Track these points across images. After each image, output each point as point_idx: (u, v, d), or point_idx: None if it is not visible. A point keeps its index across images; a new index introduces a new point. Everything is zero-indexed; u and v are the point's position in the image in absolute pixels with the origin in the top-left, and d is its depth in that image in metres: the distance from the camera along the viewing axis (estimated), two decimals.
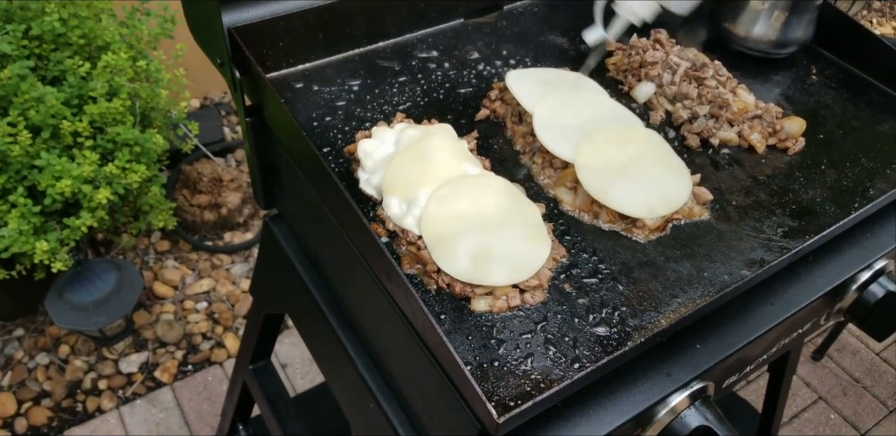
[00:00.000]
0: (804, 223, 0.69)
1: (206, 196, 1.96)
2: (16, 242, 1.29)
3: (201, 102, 2.34)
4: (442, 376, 0.57)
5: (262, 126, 0.80)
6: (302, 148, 0.71)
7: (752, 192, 0.73)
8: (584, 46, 0.90)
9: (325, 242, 0.79)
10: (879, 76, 0.88)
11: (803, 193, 0.73)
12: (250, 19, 0.75)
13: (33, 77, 1.31)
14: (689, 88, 0.81)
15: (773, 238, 0.68)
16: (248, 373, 1.07)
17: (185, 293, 1.89)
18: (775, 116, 0.80)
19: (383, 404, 0.71)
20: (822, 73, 0.90)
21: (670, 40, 0.90)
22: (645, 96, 0.83)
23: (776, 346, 0.72)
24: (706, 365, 0.61)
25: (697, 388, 0.60)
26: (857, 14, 3.22)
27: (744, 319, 0.65)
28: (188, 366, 1.75)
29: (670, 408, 0.60)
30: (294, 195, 0.84)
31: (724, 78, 0.84)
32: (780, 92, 0.87)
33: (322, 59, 0.84)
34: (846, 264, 0.71)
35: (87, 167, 1.33)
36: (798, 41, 0.89)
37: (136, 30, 1.53)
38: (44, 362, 1.73)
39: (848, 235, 0.74)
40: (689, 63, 0.84)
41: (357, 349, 0.76)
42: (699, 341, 0.63)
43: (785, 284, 0.69)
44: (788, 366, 1.14)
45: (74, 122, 1.35)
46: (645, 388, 0.59)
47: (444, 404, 0.59)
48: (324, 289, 0.83)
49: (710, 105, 0.80)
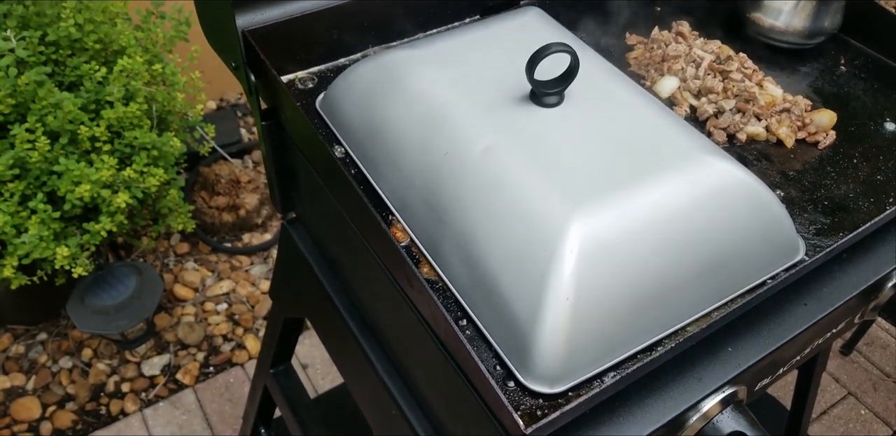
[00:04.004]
0: (837, 220, 0.67)
1: (224, 198, 1.96)
2: (36, 248, 1.30)
3: (217, 104, 2.35)
4: (466, 384, 0.56)
5: (279, 129, 0.79)
6: (319, 151, 0.70)
7: (783, 188, 0.71)
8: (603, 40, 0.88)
9: (344, 247, 0.78)
10: None
11: (835, 188, 0.71)
12: (264, 21, 0.74)
13: (50, 83, 1.32)
14: (713, 82, 0.79)
15: (805, 236, 0.65)
16: (269, 377, 1.07)
17: (205, 295, 1.89)
18: (804, 109, 0.77)
19: (406, 411, 0.70)
20: (852, 64, 0.87)
21: (693, 33, 0.87)
22: (669, 91, 0.81)
23: (810, 347, 0.70)
24: (738, 369, 0.59)
25: (730, 392, 0.59)
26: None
27: (777, 321, 0.63)
28: (209, 368, 1.76)
29: (702, 414, 0.58)
30: (312, 199, 0.83)
31: (749, 71, 0.81)
32: (808, 84, 0.84)
33: (338, 60, 0.83)
34: (881, 261, 0.69)
35: (105, 172, 1.33)
36: (826, 30, 0.86)
37: (151, 33, 1.53)
38: (67, 365, 1.74)
39: (882, 231, 0.71)
40: (713, 56, 0.82)
41: (378, 355, 0.75)
42: (731, 344, 0.61)
43: (819, 283, 0.66)
44: (818, 364, 1.12)
45: (92, 127, 1.35)
46: (676, 393, 0.57)
47: (469, 413, 0.57)
48: (343, 294, 0.82)
49: (736, 99, 0.78)
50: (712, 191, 0.58)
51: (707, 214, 0.58)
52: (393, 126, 0.68)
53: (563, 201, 0.56)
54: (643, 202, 0.57)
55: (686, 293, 0.57)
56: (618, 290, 0.55)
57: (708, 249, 0.57)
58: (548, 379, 0.53)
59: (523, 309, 0.54)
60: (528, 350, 0.53)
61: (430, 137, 0.65)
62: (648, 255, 0.56)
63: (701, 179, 0.59)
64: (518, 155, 0.61)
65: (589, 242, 0.54)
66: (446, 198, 0.62)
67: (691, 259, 0.57)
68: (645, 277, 0.55)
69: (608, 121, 0.64)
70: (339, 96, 0.75)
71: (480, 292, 0.58)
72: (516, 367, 0.55)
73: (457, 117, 0.65)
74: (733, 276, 0.59)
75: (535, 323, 0.53)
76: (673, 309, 0.57)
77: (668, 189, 0.58)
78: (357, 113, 0.72)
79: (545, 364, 0.53)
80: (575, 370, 0.54)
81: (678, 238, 0.57)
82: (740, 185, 0.60)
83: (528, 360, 0.53)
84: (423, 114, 0.67)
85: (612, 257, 0.55)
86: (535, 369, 0.53)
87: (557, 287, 0.53)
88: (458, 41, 0.75)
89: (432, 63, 0.71)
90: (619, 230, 0.55)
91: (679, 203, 0.57)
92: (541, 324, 0.53)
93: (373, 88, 0.72)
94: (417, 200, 0.64)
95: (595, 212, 0.55)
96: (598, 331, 0.54)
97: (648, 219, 0.56)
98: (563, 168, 0.59)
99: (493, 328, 0.57)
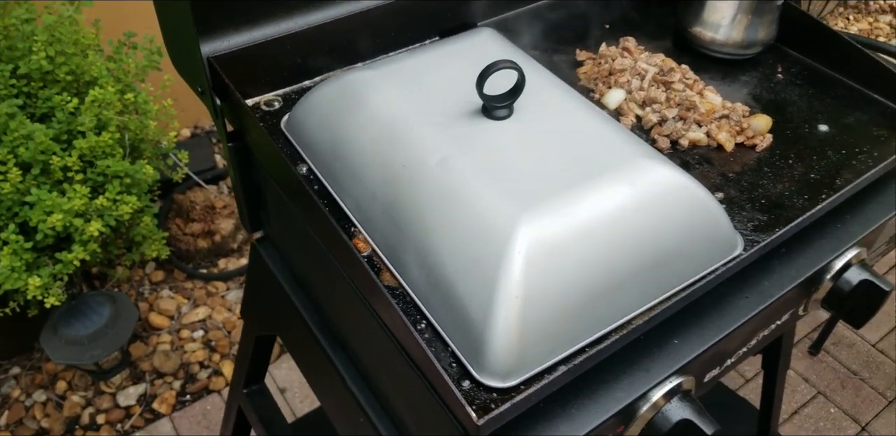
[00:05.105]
0: (774, 216, 0.71)
1: (199, 224, 1.97)
2: (8, 279, 1.30)
3: (192, 131, 2.37)
4: (425, 384, 0.58)
5: (245, 151, 0.82)
6: (282, 169, 0.73)
7: (723, 189, 0.75)
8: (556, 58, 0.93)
9: (311, 262, 0.81)
10: (843, 72, 0.90)
11: (772, 187, 0.75)
12: (229, 48, 0.77)
13: (22, 115, 1.34)
14: (657, 93, 0.84)
15: (743, 232, 0.69)
16: (242, 397, 1.07)
17: (181, 323, 1.89)
18: (742, 115, 0.82)
19: (373, 419, 0.72)
20: (788, 72, 0.92)
21: (639, 48, 0.92)
22: (616, 103, 0.86)
23: (755, 338, 0.73)
24: (684, 360, 0.62)
25: (677, 383, 0.61)
26: (833, 11, 3.27)
27: (720, 314, 0.66)
28: (186, 396, 1.75)
29: (651, 403, 0.61)
30: (279, 217, 0.86)
31: (691, 81, 0.86)
32: (747, 92, 0.89)
33: (302, 82, 0.86)
34: (817, 254, 0.73)
35: (77, 201, 1.34)
36: (762, 41, 0.92)
37: (123, 63, 1.56)
38: (41, 399, 1.72)
39: (819, 227, 0.75)
40: (656, 68, 0.87)
41: (346, 366, 0.77)
42: (677, 336, 0.64)
43: (759, 277, 0.70)
44: (781, 361, 1.15)
45: (64, 157, 1.37)
46: (625, 385, 0.60)
47: (431, 414, 0.59)
48: (312, 309, 0.84)
49: (678, 108, 0.82)
50: (652, 193, 0.62)
51: (647, 214, 0.61)
52: (354, 143, 0.71)
53: (511, 206, 0.59)
54: (587, 205, 0.60)
55: (630, 289, 0.60)
56: (565, 288, 0.58)
57: (649, 247, 0.61)
58: (501, 374, 0.56)
59: (476, 310, 0.57)
60: (482, 348, 0.56)
61: (389, 151, 0.68)
62: (593, 254, 0.59)
63: (641, 182, 0.62)
64: (470, 165, 0.64)
65: (536, 244, 0.57)
66: (404, 208, 0.65)
67: (634, 257, 0.60)
68: (590, 275, 0.58)
69: (555, 131, 0.68)
70: (303, 117, 0.78)
71: (438, 296, 0.61)
72: (471, 365, 0.57)
73: (413, 132, 0.68)
74: (675, 271, 0.63)
75: (487, 322, 0.56)
76: (618, 304, 0.60)
77: (610, 192, 0.61)
78: (320, 132, 0.75)
79: (498, 360, 0.55)
80: (526, 365, 0.56)
81: (621, 238, 0.60)
82: (678, 187, 0.63)
83: (482, 357, 0.56)
84: (382, 130, 0.70)
85: (559, 258, 0.58)
86: (488, 365, 0.56)
87: (507, 287, 0.56)
88: (414, 61, 0.78)
89: (390, 82, 0.75)
90: (565, 232, 0.59)
91: (621, 205, 0.61)
92: (492, 323, 0.56)
93: (334, 108, 0.75)
94: (378, 211, 0.67)
95: (541, 215, 0.59)
96: (548, 327, 0.57)
97: (592, 220, 0.60)
98: (511, 176, 0.63)
99: (450, 330, 0.60)
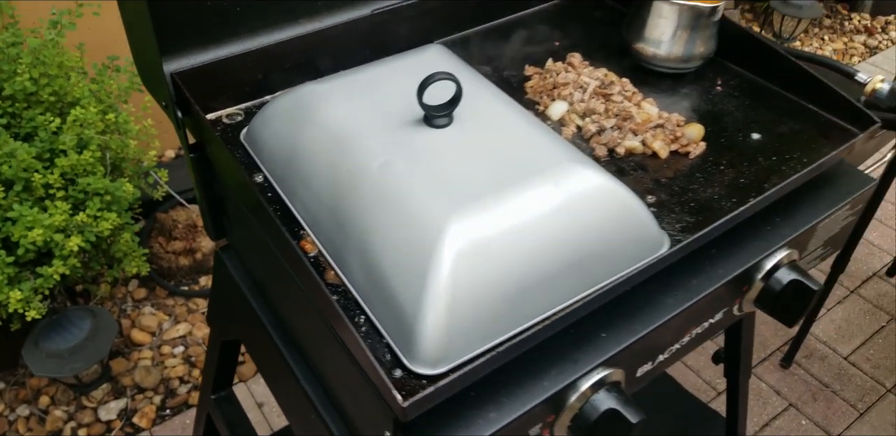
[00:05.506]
0: (701, 218, 0.75)
1: (181, 242, 2.01)
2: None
3: (176, 153, 2.41)
4: (361, 374, 0.61)
5: (206, 161, 0.86)
6: (236, 177, 0.77)
7: (654, 193, 0.79)
8: (506, 73, 0.97)
9: (267, 266, 0.84)
10: (780, 83, 0.95)
11: (702, 191, 0.79)
12: (193, 64, 0.82)
13: (6, 134, 1.38)
14: (596, 104, 0.88)
15: (671, 233, 0.73)
16: (210, 403, 1.09)
17: (162, 339, 1.91)
18: (676, 124, 0.86)
19: (323, 414, 0.74)
20: (727, 84, 0.97)
21: (583, 63, 0.97)
22: (559, 114, 0.90)
23: (687, 335, 0.76)
24: (611, 352, 0.65)
25: (605, 374, 0.64)
26: (807, 31, 3.35)
27: (648, 310, 0.70)
28: (166, 410, 1.77)
29: (580, 393, 0.63)
30: (238, 225, 0.89)
31: (630, 93, 0.91)
32: (687, 103, 0.94)
33: (263, 96, 0.90)
34: (747, 255, 0.76)
35: (58, 217, 1.38)
36: (701, 56, 0.97)
37: (105, 85, 1.61)
38: (24, 413, 1.73)
39: (750, 229, 0.79)
40: (598, 82, 0.92)
41: (301, 367, 0.80)
42: (604, 330, 0.67)
43: (688, 275, 0.73)
44: (742, 369, 1.17)
45: (46, 174, 1.41)
46: (553, 375, 0.63)
47: (368, 402, 0.62)
48: (270, 313, 0.87)
49: (616, 118, 0.87)
50: (576, 194, 0.66)
51: (571, 214, 0.65)
52: (306, 151, 0.75)
53: (442, 207, 0.63)
54: (514, 206, 0.64)
55: (556, 285, 0.64)
56: (492, 283, 0.61)
57: (574, 245, 0.64)
58: (430, 362, 0.59)
59: (408, 303, 0.60)
60: (413, 339, 0.59)
61: (337, 158, 0.73)
62: (519, 252, 0.62)
63: (566, 184, 0.66)
64: (408, 169, 0.68)
65: (465, 242, 0.61)
66: (347, 210, 0.69)
67: (559, 254, 0.64)
68: (517, 272, 0.62)
69: (490, 138, 0.72)
70: (260, 128, 0.82)
71: (376, 292, 0.64)
72: (404, 354, 0.60)
73: (359, 139, 0.73)
74: (601, 269, 0.66)
75: (417, 315, 0.59)
76: (544, 299, 0.63)
77: (537, 194, 0.65)
78: (275, 142, 0.80)
79: (427, 350, 0.59)
80: (454, 354, 0.59)
81: (546, 236, 0.64)
82: (602, 188, 0.67)
83: (413, 347, 0.59)
84: (331, 138, 0.74)
85: (486, 255, 0.61)
86: (418, 354, 0.59)
87: (436, 282, 0.59)
88: (364, 75, 0.83)
89: (340, 94, 0.79)
90: (492, 231, 0.62)
91: (547, 206, 0.65)
92: (422, 315, 0.59)
93: (288, 119, 0.79)
94: (325, 214, 0.71)
95: (470, 215, 0.62)
96: (475, 319, 0.60)
97: (518, 220, 0.63)
98: (445, 179, 0.67)
99: (386, 323, 0.63)
